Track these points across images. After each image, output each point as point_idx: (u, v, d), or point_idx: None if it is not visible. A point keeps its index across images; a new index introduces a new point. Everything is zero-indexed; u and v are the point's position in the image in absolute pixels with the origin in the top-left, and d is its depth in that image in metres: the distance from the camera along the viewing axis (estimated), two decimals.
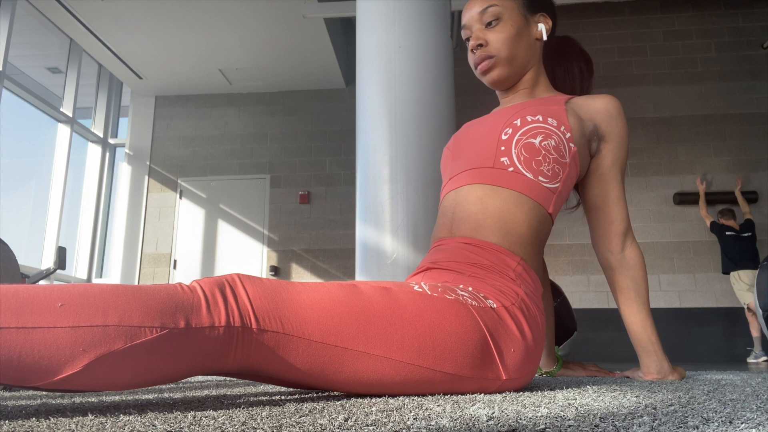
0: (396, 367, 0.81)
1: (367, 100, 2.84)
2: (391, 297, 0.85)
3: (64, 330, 0.63)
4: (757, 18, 6.34)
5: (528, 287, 1.01)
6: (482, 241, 1.03)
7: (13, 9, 5.28)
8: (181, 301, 0.70)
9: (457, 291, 0.92)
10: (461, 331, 0.86)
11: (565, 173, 1.08)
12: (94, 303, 0.65)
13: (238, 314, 0.73)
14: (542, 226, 1.07)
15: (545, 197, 1.06)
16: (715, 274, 5.76)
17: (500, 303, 0.94)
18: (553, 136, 1.07)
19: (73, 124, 6.29)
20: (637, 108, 6.24)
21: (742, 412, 0.61)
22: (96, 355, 0.63)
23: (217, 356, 0.73)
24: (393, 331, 0.81)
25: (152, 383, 0.70)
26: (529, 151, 1.04)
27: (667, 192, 6.04)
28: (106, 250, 6.93)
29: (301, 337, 0.77)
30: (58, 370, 0.63)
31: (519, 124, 1.08)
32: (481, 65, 1.20)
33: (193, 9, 5.23)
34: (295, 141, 6.76)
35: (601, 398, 0.78)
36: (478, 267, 1.01)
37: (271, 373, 0.79)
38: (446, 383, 0.85)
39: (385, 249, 2.61)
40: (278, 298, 0.77)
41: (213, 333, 0.71)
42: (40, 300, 0.63)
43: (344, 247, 6.36)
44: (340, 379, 0.80)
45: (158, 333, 0.67)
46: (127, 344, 0.65)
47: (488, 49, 1.18)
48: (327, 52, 6.02)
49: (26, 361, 0.61)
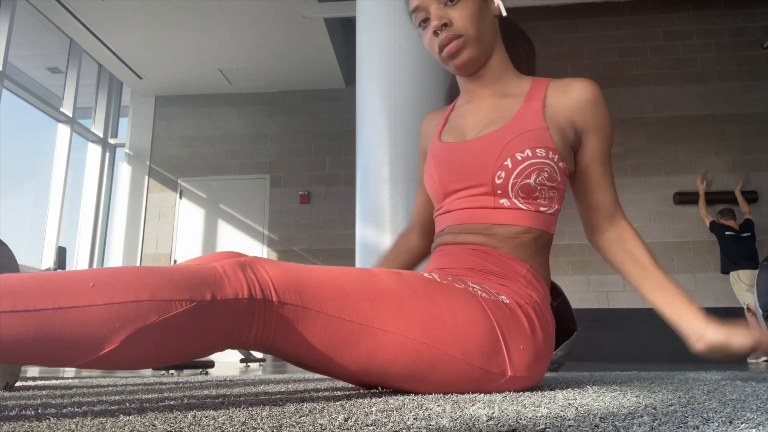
0: (409, 344, 0.83)
1: (367, 100, 2.84)
2: (402, 279, 0.88)
3: (99, 308, 0.65)
4: (757, 18, 6.34)
5: (539, 293, 1.01)
6: (491, 248, 1.04)
7: (13, 9, 5.28)
8: (205, 277, 0.73)
9: (468, 283, 0.94)
10: (470, 316, 0.87)
11: (559, 193, 1.08)
12: (124, 281, 0.68)
13: (259, 288, 0.77)
14: (547, 243, 1.08)
15: (546, 222, 1.07)
16: (715, 274, 5.76)
17: (513, 300, 0.95)
18: (546, 168, 1.03)
19: (73, 124, 6.29)
20: (637, 108, 6.24)
21: (742, 412, 0.61)
22: (132, 330, 0.66)
23: (240, 328, 0.76)
24: (405, 309, 0.84)
25: (184, 358, 0.73)
26: (526, 191, 1.03)
27: (667, 192, 6.04)
28: (106, 250, 6.93)
29: (319, 311, 0.80)
30: (97, 348, 0.65)
31: (510, 167, 1.02)
32: (449, 47, 1.08)
33: (193, 9, 5.23)
34: (295, 141, 6.76)
35: (601, 398, 0.78)
36: (488, 273, 1.01)
37: (291, 348, 0.81)
38: (454, 368, 0.86)
39: (385, 249, 2.61)
40: (296, 275, 0.81)
41: (237, 305, 0.74)
42: (72, 282, 0.66)
43: (344, 247, 6.36)
44: (356, 355, 0.83)
45: (187, 306, 0.70)
46: (160, 317, 0.67)
47: (454, 28, 1.07)
48: (327, 52, 6.02)
49: (66, 342, 0.63)
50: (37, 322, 0.62)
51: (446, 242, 1.10)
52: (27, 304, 0.62)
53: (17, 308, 0.61)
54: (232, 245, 6.56)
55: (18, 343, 0.61)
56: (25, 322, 0.62)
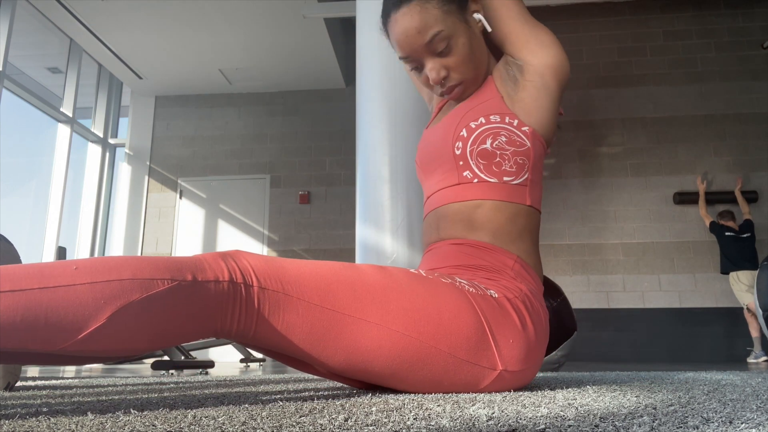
0: (392, 336, 0.83)
1: (367, 100, 2.84)
2: (386, 272, 0.89)
3: (83, 286, 0.67)
4: (757, 18, 6.34)
5: (530, 285, 1.00)
6: (475, 241, 1.03)
7: (13, 9, 5.28)
8: (186, 262, 0.76)
9: (455, 279, 0.93)
10: (455, 309, 0.87)
11: (531, 160, 1.04)
12: (107, 264, 0.71)
13: (240, 273, 0.79)
14: (528, 220, 1.05)
15: (518, 194, 1.03)
16: (715, 274, 5.76)
17: (503, 294, 0.94)
18: (502, 132, 1.02)
19: (73, 124, 6.29)
20: (637, 108, 6.24)
21: (742, 412, 0.61)
22: (117, 306, 0.68)
23: (223, 312, 0.77)
24: (388, 301, 0.85)
25: (168, 342, 0.74)
26: (485, 157, 1.02)
27: (667, 192, 6.04)
28: (106, 250, 6.93)
29: (301, 299, 0.81)
30: (83, 325, 0.66)
31: (465, 135, 1.04)
32: (452, 94, 1.10)
33: (194, 9, 5.23)
34: (295, 141, 6.76)
35: (601, 398, 0.78)
36: (476, 268, 1.00)
37: (273, 337, 0.81)
38: (441, 363, 0.85)
39: (385, 249, 2.61)
40: (277, 265, 0.83)
41: (218, 287, 0.76)
42: (57, 266, 0.69)
43: (344, 247, 6.36)
44: (339, 346, 0.83)
45: (169, 284, 0.72)
46: (143, 294, 0.70)
47: (453, 77, 1.07)
48: (327, 52, 6.02)
49: (52, 320, 0.65)
50: (25, 301, 0.64)
51: (432, 240, 1.10)
52: (13, 285, 0.64)
53: (3, 288, 0.63)
54: (232, 245, 6.56)
55: (6, 325, 0.62)
56: (12, 302, 0.63)
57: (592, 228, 6.03)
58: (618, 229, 6.00)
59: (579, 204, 6.05)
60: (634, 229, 5.99)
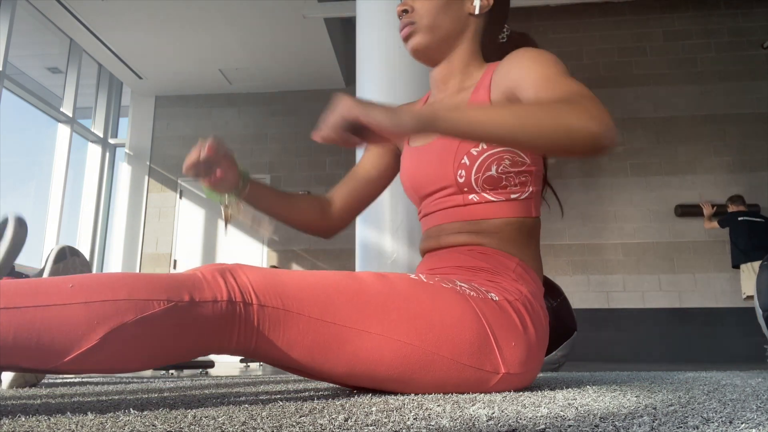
0: (394, 346, 0.83)
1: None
2: (386, 280, 0.88)
3: (78, 306, 0.66)
4: (757, 18, 6.34)
5: (530, 287, 1.00)
6: (477, 246, 1.03)
7: (13, 9, 5.28)
8: (184, 281, 0.75)
9: (456, 283, 0.93)
10: (457, 315, 0.87)
11: (532, 175, 1.04)
12: (103, 282, 0.69)
13: (238, 291, 0.77)
14: (533, 230, 1.05)
15: (524, 208, 1.04)
16: (715, 273, 5.76)
17: (503, 297, 0.94)
18: (505, 156, 1.02)
19: (73, 124, 6.29)
20: (637, 108, 6.24)
21: (742, 412, 0.61)
22: (110, 327, 0.67)
23: (221, 332, 0.76)
24: (389, 311, 0.83)
25: (163, 361, 0.73)
26: (492, 183, 1.02)
27: (667, 192, 6.04)
28: (106, 250, 6.93)
29: (301, 314, 0.80)
30: (76, 345, 0.65)
31: (468, 164, 1.02)
32: (402, 31, 1.14)
33: (193, 9, 5.23)
34: (295, 141, 6.76)
35: (601, 398, 0.78)
36: (477, 269, 1.00)
37: (274, 352, 0.80)
38: (444, 369, 0.85)
39: (385, 249, 2.61)
40: (276, 280, 0.81)
41: (216, 308, 0.75)
42: (52, 283, 0.68)
43: (344, 247, 6.36)
44: (341, 358, 0.82)
45: (165, 305, 0.71)
46: (137, 315, 0.68)
47: (412, 16, 1.12)
48: (327, 52, 6.02)
49: (44, 339, 0.64)
50: (18, 319, 0.63)
51: (431, 247, 1.10)
52: (8, 302, 0.63)
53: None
54: (232, 245, 6.56)
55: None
56: (5, 320, 0.62)
57: (592, 228, 6.03)
58: (618, 229, 6.00)
59: (579, 204, 6.04)
60: (634, 229, 5.99)
